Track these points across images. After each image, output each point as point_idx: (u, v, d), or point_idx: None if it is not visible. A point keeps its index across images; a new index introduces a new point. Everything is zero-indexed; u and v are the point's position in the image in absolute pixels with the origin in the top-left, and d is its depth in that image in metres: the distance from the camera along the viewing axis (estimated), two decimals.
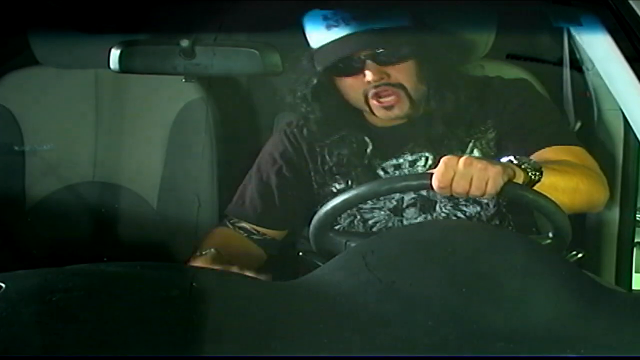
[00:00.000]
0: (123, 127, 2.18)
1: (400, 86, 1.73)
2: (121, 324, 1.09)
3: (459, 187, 1.43)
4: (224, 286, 1.26)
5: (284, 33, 1.94)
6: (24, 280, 1.19)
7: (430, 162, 1.78)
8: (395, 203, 1.78)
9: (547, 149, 1.69)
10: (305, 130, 1.88)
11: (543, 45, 2.09)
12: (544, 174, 1.51)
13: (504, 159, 1.51)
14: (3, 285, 1.14)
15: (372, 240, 1.49)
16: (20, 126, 2.16)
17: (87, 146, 2.18)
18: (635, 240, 2.03)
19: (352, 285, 1.23)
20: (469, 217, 1.77)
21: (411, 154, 1.81)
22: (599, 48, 1.70)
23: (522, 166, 1.49)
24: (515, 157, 1.51)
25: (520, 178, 1.48)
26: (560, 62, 1.92)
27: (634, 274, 2.03)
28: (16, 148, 2.16)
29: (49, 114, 2.18)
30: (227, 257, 1.71)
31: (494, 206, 1.78)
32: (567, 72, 1.93)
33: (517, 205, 1.76)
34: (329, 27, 1.71)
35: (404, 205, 1.78)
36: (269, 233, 1.86)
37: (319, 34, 1.73)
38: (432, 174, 1.44)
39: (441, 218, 1.77)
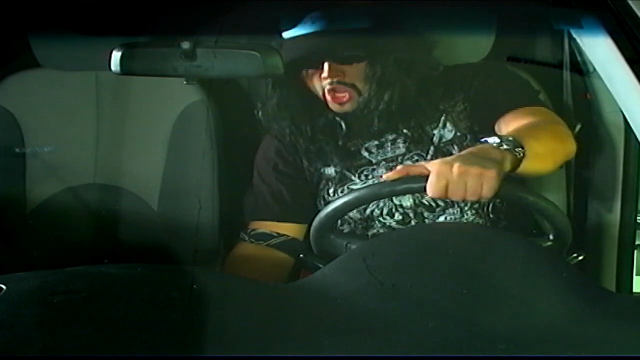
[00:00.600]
0: (124, 129, 2.18)
1: (353, 86, 1.81)
2: (122, 326, 1.09)
3: (455, 194, 1.44)
4: (225, 288, 1.26)
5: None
6: (24, 282, 1.19)
7: (408, 140, 1.85)
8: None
9: (513, 112, 1.74)
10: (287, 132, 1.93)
11: (543, 47, 2.09)
12: (525, 147, 1.52)
13: (489, 139, 1.52)
14: (4, 287, 1.14)
15: (373, 243, 1.49)
16: (21, 128, 2.16)
17: (88, 148, 2.17)
18: (636, 242, 2.03)
19: (352, 288, 1.23)
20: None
21: (390, 134, 1.86)
22: (599, 50, 1.70)
23: (505, 147, 1.50)
24: (497, 136, 1.53)
25: (507, 162, 1.49)
26: (560, 64, 1.92)
27: (634, 277, 2.03)
28: (17, 150, 2.16)
29: (50, 116, 2.18)
30: (248, 272, 1.79)
31: (491, 210, 1.80)
32: (567, 74, 1.94)
33: (515, 208, 1.76)
34: (304, 22, 1.80)
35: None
36: (291, 231, 1.89)
37: (291, 27, 1.81)
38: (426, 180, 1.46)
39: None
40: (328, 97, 1.82)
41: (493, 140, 1.52)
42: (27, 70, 2.17)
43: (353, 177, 1.86)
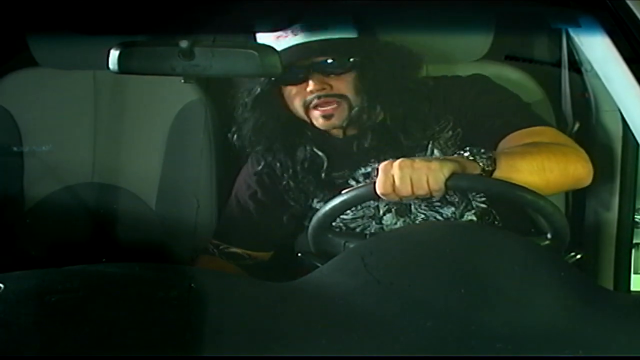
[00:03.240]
0: (122, 128, 2.17)
1: (342, 97, 1.74)
2: (120, 325, 1.09)
3: (402, 191, 1.45)
4: (223, 287, 1.26)
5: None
6: (22, 281, 1.19)
7: None
8: (373, 211, 1.78)
9: (512, 134, 1.69)
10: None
11: (541, 46, 2.09)
12: (499, 160, 1.51)
13: (455, 156, 1.52)
14: (2, 285, 1.14)
15: (371, 242, 1.49)
16: (19, 127, 2.16)
17: (85, 147, 2.17)
18: (634, 241, 2.03)
19: (350, 287, 1.23)
20: (446, 219, 1.77)
21: (377, 161, 1.76)
22: (597, 49, 1.70)
23: (472, 158, 1.50)
24: (467, 150, 1.52)
25: (472, 169, 1.49)
26: (558, 64, 1.92)
27: (632, 275, 2.03)
28: (15, 149, 2.15)
29: (48, 115, 2.17)
30: None
31: (471, 205, 1.78)
32: (565, 73, 1.94)
33: (513, 207, 1.76)
34: (277, 37, 1.74)
35: (381, 212, 1.79)
36: (257, 255, 1.89)
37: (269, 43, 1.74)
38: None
39: (418, 221, 1.77)
40: (314, 114, 1.76)
41: (462, 152, 1.52)
42: (25, 69, 2.17)
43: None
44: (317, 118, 1.76)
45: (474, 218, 1.78)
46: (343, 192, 1.56)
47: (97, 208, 2.15)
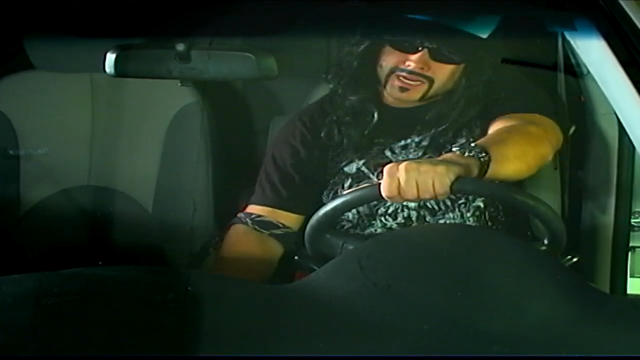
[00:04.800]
0: (118, 131, 2.17)
1: (429, 79, 1.78)
2: (116, 328, 1.09)
3: (407, 194, 1.46)
4: (220, 290, 1.26)
5: (279, 37, 1.94)
6: (18, 284, 1.19)
7: (426, 145, 1.83)
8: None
9: (503, 117, 1.74)
10: (324, 110, 1.91)
11: (537, 49, 2.09)
12: (491, 151, 1.54)
13: (453, 148, 1.55)
14: None
15: (367, 245, 1.49)
16: (15, 130, 2.15)
17: (82, 150, 2.17)
18: (630, 244, 2.03)
19: (347, 290, 1.23)
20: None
21: (417, 135, 1.84)
22: (593, 52, 1.70)
23: (468, 154, 1.52)
24: (457, 146, 1.55)
25: (474, 167, 1.51)
26: (554, 67, 1.92)
27: (628, 279, 2.03)
28: (11, 152, 2.15)
29: (44, 118, 2.17)
30: (244, 258, 1.78)
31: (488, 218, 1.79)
32: (561, 76, 1.94)
33: (512, 211, 1.77)
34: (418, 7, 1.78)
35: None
36: (289, 220, 1.86)
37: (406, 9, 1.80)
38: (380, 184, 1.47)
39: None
40: (393, 81, 1.79)
41: (456, 148, 1.54)
42: (22, 72, 2.17)
43: (371, 176, 1.82)
44: (393, 86, 1.80)
45: (482, 204, 1.78)
46: (345, 192, 1.55)
47: (93, 211, 2.15)
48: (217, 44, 1.83)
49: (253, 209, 1.88)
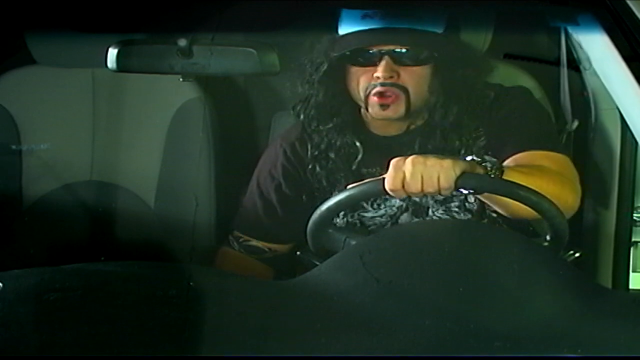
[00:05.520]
0: (120, 126, 2.17)
1: (404, 89, 1.72)
2: (118, 324, 1.09)
3: (412, 187, 1.44)
4: (221, 285, 1.26)
5: (281, 33, 1.94)
6: (21, 279, 1.19)
7: None
8: (396, 210, 1.78)
9: (527, 152, 1.68)
10: (304, 138, 1.86)
11: (540, 44, 2.09)
12: (505, 172, 1.51)
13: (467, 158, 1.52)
14: (0, 284, 1.14)
15: (369, 240, 1.49)
16: (17, 125, 2.15)
17: (84, 145, 2.17)
18: (633, 239, 2.03)
19: (349, 285, 1.23)
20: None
21: None
22: (596, 47, 1.70)
23: (481, 162, 1.50)
24: (475, 156, 1.52)
25: (477, 170, 1.49)
26: (557, 62, 1.92)
27: (631, 274, 2.03)
28: (13, 147, 2.15)
29: (46, 114, 2.17)
30: None
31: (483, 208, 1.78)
32: (564, 71, 1.93)
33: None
34: (364, 17, 1.72)
35: (402, 212, 1.78)
36: (277, 248, 1.87)
37: (352, 21, 1.74)
38: (384, 179, 1.46)
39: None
40: (372, 100, 1.73)
41: (470, 157, 1.52)
42: (24, 68, 2.17)
43: (365, 205, 1.80)
44: (373, 105, 1.73)
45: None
46: (349, 186, 1.55)
47: (95, 206, 2.15)
48: (219, 40, 1.82)
49: (238, 234, 1.90)
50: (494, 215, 1.77)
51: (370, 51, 1.72)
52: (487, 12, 1.91)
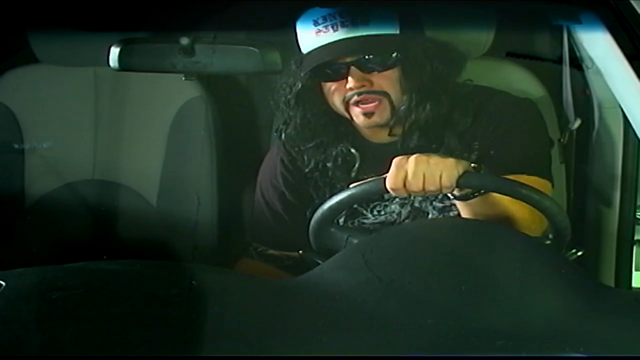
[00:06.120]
0: (122, 125, 2.17)
1: (384, 93, 1.71)
2: (120, 322, 1.09)
3: (413, 186, 1.45)
4: (224, 284, 1.26)
5: (283, 31, 1.94)
6: (23, 278, 1.19)
7: None
8: (396, 217, 1.78)
9: (515, 175, 1.62)
10: (300, 149, 1.84)
11: (543, 43, 2.08)
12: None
13: None
14: (3, 283, 1.14)
15: (372, 239, 1.49)
16: (19, 124, 2.16)
17: (86, 144, 2.17)
18: (635, 238, 2.03)
19: (351, 284, 1.23)
20: None
21: None
22: (598, 46, 1.70)
23: (482, 170, 1.52)
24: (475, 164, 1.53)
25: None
26: (559, 60, 1.92)
27: (633, 272, 2.03)
28: (16, 146, 2.16)
29: (49, 112, 2.17)
30: None
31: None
32: (566, 70, 1.93)
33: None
34: (317, 32, 1.70)
35: (402, 219, 1.78)
36: (295, 255, 1.82)
37: (309, 40, 1.72)
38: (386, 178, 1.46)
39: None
40: (354, 111, 1.71)
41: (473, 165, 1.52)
42: (26, 66, 2.17)
43: (365, 212, 1.79)
44: (357, 115, 1.72)
45: None
46: (351, 185, 1.55)
47: (97, 205, 2.15)
48: (221, 38, 1.82)
49: (257, 244, 1.88)
50: None
51: (335, 64, 1.70)
52: (489, 11, 1.90)
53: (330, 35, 1.69)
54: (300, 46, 1.76)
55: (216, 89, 2.18)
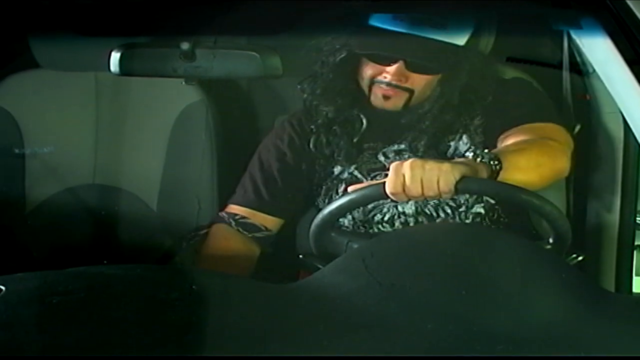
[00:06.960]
0: (123, 130, 2.18)
1: (409, 90, 1.78)
2: (121, 327, 1.09)
3: (412, 191, 1.46)
4: (224, 288, 1.26)
5: (284, 36, 1.94)
6: (24, 282, 1.19)
7: (424, 149, 1.81)
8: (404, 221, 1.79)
9: (518, 127, 1.73)
10: (311, 112, 1.90)
11: (543, 47, 2.09)
12: (503, 159, 1.55)
13: (467, 154, 1.57)
14: (3, 287, 1.14)
15: (372, 243, 1.49)
16: (20, 129, 2.16)
17: (87, 149, 2.18)
18: (636, 243, 2.03)
19: (351, 288, 1.23)
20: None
21: (411, 139, 1.83)
22: (598, 51, 1.70)
23: (479, 159, 1.53)
24: (471, 152, 1.56)
25: (483, 172, 1.52)
26: (560, 65, 1.92)
27: (634, 277, 2.03)
28: (16, 151, 2.16)
29: (50, 117, 2.18)
30: (225, 257, 1.79)
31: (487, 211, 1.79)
32: (566, 74, 1.93)
33: (512, 217, 1.77)
34: (394, 18, 1.74)
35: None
36: (270, 223, 1.87)
37: (382, 19, 1.76)
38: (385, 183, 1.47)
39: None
40: (376, 91, 1.80)
41: (470, 154, 1.56)
42: (27, 71, 2.17)
43: (365, 180, 1.81)
44: (376, 95, 1.80)
45: (482, 211, 1.77)
46: (350, 189, 1.55)
47: (98, 210, 2.15)
48: (221, 43, 1.83)
49: (235, 209, 1.89)
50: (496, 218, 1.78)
51: (390, 52, 1.75)
52: (490, 15, 1.91)
53: (404, 25, 1.74)
54: (371, 19, 1.79)
55: (217, 93, 2.18)
